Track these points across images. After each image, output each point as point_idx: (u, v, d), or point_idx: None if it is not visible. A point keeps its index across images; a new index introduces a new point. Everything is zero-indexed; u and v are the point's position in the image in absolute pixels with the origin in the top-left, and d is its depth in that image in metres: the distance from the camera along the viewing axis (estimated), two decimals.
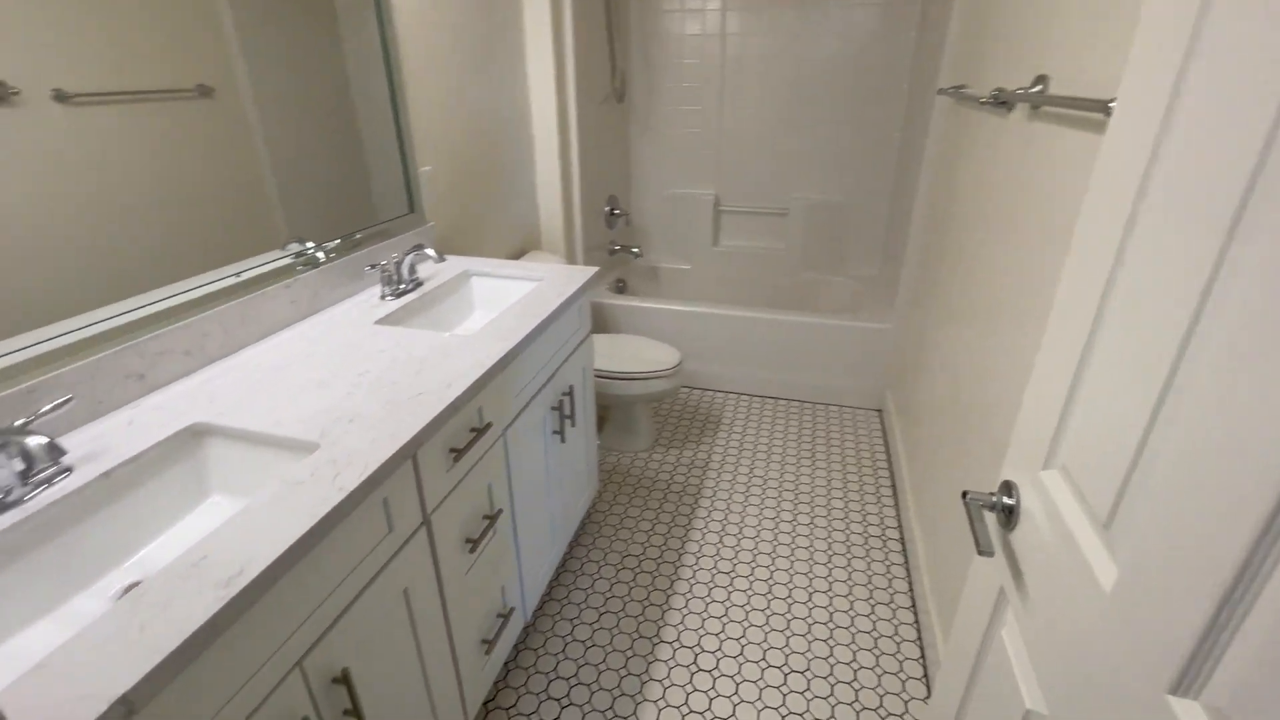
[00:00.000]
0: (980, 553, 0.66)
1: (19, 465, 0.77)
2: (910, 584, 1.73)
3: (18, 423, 0.78)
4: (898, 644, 1.55)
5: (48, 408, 0.81)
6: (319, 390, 1.04)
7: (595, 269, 1.67)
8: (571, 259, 2.63)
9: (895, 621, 1.62)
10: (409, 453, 0.91)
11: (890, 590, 1.72)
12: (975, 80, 1.65)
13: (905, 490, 1.97)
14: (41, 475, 0.79)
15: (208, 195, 1.13)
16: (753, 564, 1.81)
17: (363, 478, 0.82)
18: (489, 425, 1.15)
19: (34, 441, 0.71)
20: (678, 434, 2.44)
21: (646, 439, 2.35)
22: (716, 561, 1.81)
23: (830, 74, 2.78)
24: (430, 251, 1.45)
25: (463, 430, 1.10)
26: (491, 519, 1.21)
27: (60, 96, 0.89)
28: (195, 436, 0.95)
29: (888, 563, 1.81)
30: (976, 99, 1.45)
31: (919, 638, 1.57)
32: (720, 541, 1.89)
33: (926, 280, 2.00)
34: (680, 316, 2.65)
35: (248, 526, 0.72)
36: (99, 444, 0.89)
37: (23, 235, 0.87)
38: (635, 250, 3.02)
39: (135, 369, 1.00)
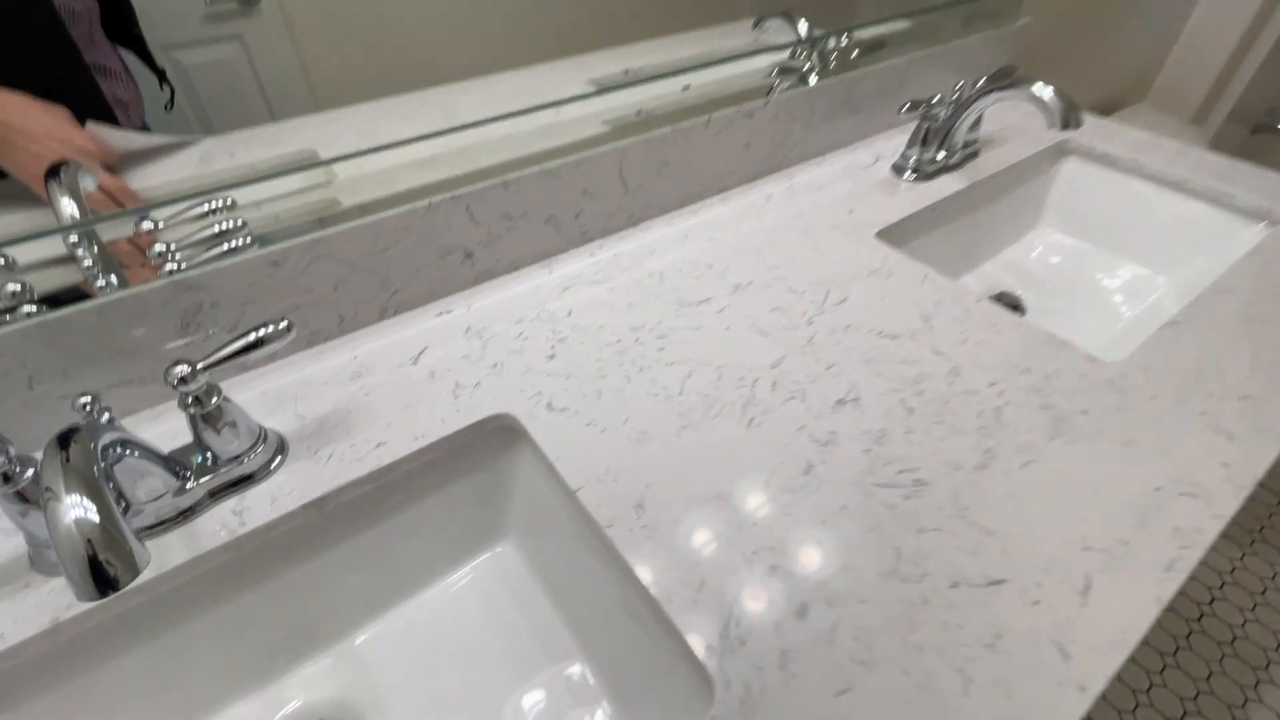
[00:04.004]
0: None
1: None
2: None
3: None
4: None
5: (255, 342, 0.38)
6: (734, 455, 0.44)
7: None
8: (1204, 127, 1.42)
9: None
10: None
11: None
12: None
13: None
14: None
15: None
16: None
17: None
18: None
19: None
20: None
21: None
22: None
23: None
24: (1046, 94, 0.63)
25: None
26: None
27: None
28: (505, 433, 0.46)
29: None
30: None
31: None
32: None
33: None
34: None
35: None
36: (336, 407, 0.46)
37: None
38: None
39: (464, 242, 0.53)
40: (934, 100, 0.69)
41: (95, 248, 0.42)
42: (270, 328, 0.38)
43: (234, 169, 0.43)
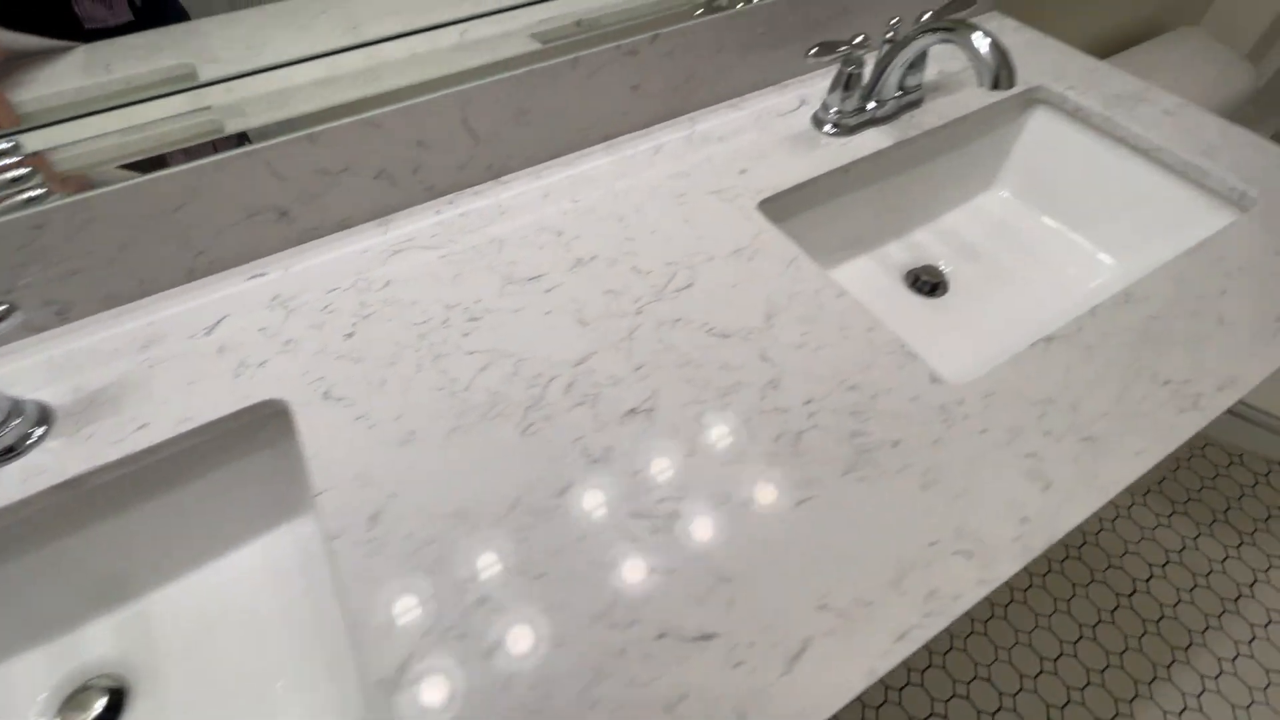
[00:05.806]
0: None
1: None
2: None
3: None
4: None
5: None
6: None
7: None
8: (1260, 65, 1.21)
9: None
10: None
11: None
12: None
13: None
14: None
15: None
16: None
17: None
18: None
19: None
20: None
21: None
22: None
23: None
24: (983, 45, 0.53)
25: None
26: None
27: None
28: (279, 420, 0.45)
29: None
30: None
31: None
32: None
33: None
34: None
35: None
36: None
37: None
38: None
39: (273, 200, 0.49)
40: (855, 41, 0.59)
41: None
42: None
43: (106, 83, 0.41)
